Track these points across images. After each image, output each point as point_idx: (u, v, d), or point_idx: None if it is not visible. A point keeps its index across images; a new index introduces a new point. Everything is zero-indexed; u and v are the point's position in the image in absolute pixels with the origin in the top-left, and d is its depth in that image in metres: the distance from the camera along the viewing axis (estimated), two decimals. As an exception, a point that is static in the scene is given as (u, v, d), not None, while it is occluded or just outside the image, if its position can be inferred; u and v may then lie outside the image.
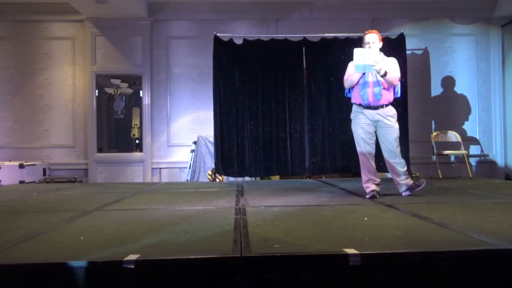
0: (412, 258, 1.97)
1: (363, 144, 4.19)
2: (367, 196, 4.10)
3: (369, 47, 4.12)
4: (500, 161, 7.88)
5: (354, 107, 4.25)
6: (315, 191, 4.83)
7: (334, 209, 3.54)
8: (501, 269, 1.99)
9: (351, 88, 4.30)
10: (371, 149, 4.21)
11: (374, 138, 4.24)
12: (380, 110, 4.13)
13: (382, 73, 4.01)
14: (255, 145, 6.44)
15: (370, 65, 3.96)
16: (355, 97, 4.22)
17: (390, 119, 4.15)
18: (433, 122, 7.76)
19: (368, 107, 4.13)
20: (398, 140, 4.19)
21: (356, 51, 3.98)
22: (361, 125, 4.18)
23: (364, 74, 4.10)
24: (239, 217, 3.02)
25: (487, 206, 3.53)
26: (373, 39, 4.18)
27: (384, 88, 4.11)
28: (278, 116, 6.51)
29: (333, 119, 6.57)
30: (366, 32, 4.30)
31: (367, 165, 4.19)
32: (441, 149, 7.15)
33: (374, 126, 4.18)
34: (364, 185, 4.22)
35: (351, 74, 4.18)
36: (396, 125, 4.19)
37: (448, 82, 7.83)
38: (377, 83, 4.09)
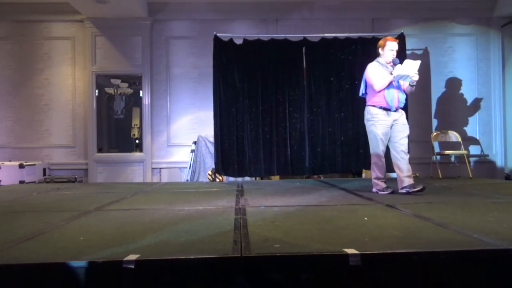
0: (412, 258, 1.97)
1: (381, 145, 4.41)
2: (388, 192, 4.36)
3: (393, 55, 4.42)
4: (500, 161, 7.88)
5: (374, 109, 4.42)
6: (315, 191, 4.83)
7: (334, 209, 3.53)
8: (501, 269, 1.99)
9: (367, 91, 4.54)
10: (385, 149, 4.47)
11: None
12: (399, 111, 4.46)
13: (414, 84, 4.36)
14: (255, 145, 6.44)
15: (408, 76, 4.23)
16: (378, 101, 4.40)
17: (404, 118, 4.50)
18: (433, 122, 7.76)
19: (391, 109, 4.40)
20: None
21: (408, 62, 4.26)
22: (382, 127, 4.39)
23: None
24: (239, 217, 3.02)
25: (487, 206, 3.52)
26: (397, 47, 4.48)
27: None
28: (278, 116, 6.51)
29: (333, 119, 6.57)
30: (390, 38, 4.51)
31: (379, 165, 4.43)
32: (441, 149, 7.15)
33: (390, 127, 4.43)
34: (379, 182, 4.44)
35: (384, 79, 4.34)
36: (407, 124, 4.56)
37: (448, 82, 7.84)
38: (401, 89, 4.45)
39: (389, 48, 4.42)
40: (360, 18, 7.74)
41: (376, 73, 4.39)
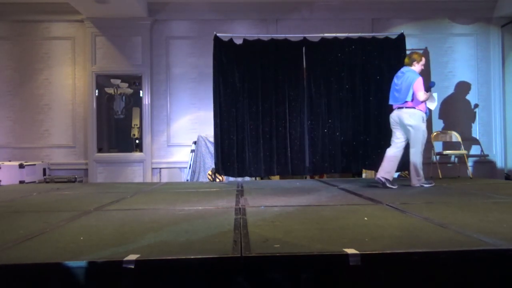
0: (412, 258, 1.97)
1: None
2: (432, 183, 5.14)
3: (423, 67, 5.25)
4: (500, 161, 7.88)
5: (423, 114, 5.08)
6: (315, 191, 4.83)
7: (334, 209, 3.53)
8: (501, 269, 1.99)
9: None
10: None
11: None
12: None
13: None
14: (255, 145, 6.43)
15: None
16: (423, 109, 5.10)
17: None
18: (433, 122, 7.76)
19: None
20: None
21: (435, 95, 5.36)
22: None
23: None
24: (239, 217, 3.02)
25: (487, 206, 3.52)
26: None
27: None
28: (278, 116, 6.50)
29: (333, 119, 6.56)
30: (423, 55, 5.28)
31: (421, 162, 5.11)
32: (441, 149, 7.15)
33: None
34: (422, 177, 5.08)
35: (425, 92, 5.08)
36: None
37: (448, 82, 7.84)
38: None
39: (423, 64, 5.21)
40: (360, 18, 7.75)
41: (422, 88, 5.00)
